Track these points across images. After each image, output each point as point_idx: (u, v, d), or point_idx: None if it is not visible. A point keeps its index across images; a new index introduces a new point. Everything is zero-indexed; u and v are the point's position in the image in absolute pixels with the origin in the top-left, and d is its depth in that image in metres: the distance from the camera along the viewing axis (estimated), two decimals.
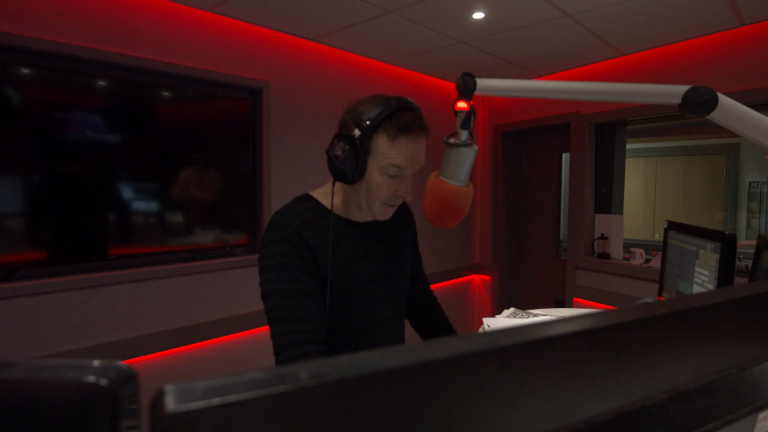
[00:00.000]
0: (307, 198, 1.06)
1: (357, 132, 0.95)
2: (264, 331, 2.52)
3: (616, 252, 3.10)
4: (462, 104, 1.02)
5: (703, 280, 1.25)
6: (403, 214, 1.21)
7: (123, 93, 2.02)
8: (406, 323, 1.24)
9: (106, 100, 1.98)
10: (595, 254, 3.17)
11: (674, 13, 2.23)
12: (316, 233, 0.98)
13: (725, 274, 1.15)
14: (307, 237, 0.97)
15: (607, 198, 3.22)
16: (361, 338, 1.05)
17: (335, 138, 0.98)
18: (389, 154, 0.95)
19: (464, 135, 1.03)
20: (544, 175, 3.74)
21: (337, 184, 1.05)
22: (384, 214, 1.04)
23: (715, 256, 1.18)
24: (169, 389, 0.20)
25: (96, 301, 1.98)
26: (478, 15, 2.26)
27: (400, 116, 0.95)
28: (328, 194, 1.05)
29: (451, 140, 1.04)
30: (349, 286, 1.01)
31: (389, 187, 0.99)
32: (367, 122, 0.94)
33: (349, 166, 0.95)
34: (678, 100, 0.84)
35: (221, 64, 2.32)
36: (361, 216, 1.07)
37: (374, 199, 1.00)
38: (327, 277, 0.98)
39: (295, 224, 0.97)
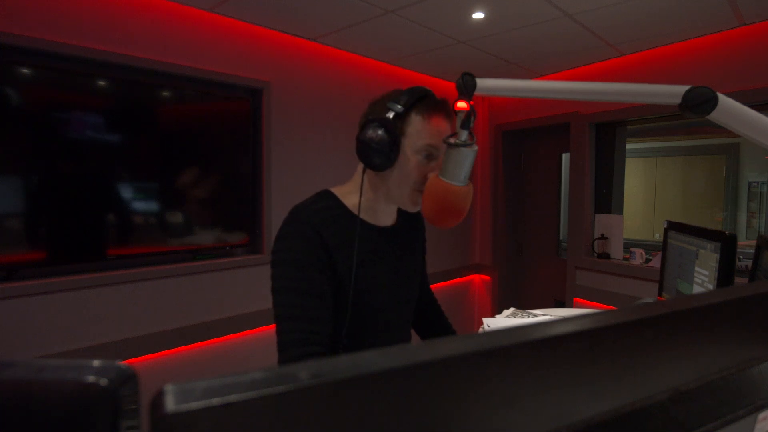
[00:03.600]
0: (329, 195, 1.04)
1: (391, 114, 0.96)
2: (264, 331, 2.52)
3: (616, 252, 3.10)
4: (462, 104, 1.02)
5: (703, 280, 1.25)
6: (417, 219, 1.21)
7: (123, 93, 2.02)
8: None
9: (106, 100, 1.98)
10: (595, 254, 3.17)
11: (674, 13, 2.23)
12: (336, 233, 0.97)
13: (725, 274, 1.15)
14: (326, 236, 0.95)
15: (607, 198, 3.22)
16: (370, 343, 1.04)
17: (366, 123, 0.97)
18: (423, 134, 0.98)
19: (464, 135, 1.03)
20: (544, 175, 3.74)
21: (366, 183, 1.03)
22: (414, 203, 1.03)
23: (715, 256, 1.18)
24: (169, 389, 0.20)
25: (96, 301, 1.98)
26: (478, 15, 2.26)
27: (431, 98, 1.00)
28: (350, 193, 1.04)
29: (451, 140, 1.04)
30: (364, 289, 1.00)
31: (421, 170, 1.00)
32: (401, 104, 0.96)
33: (383, 148, 0.95)
34: (678, 100, 0.84)
35: (221, 64, 2.32)
36: (383, 217, 1.07)
37: (406, 184, 1.00)
38: (342, 278, 0.97)
39: (316, 221, 0.95)
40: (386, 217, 1.08)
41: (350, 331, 0.99)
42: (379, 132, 0.95)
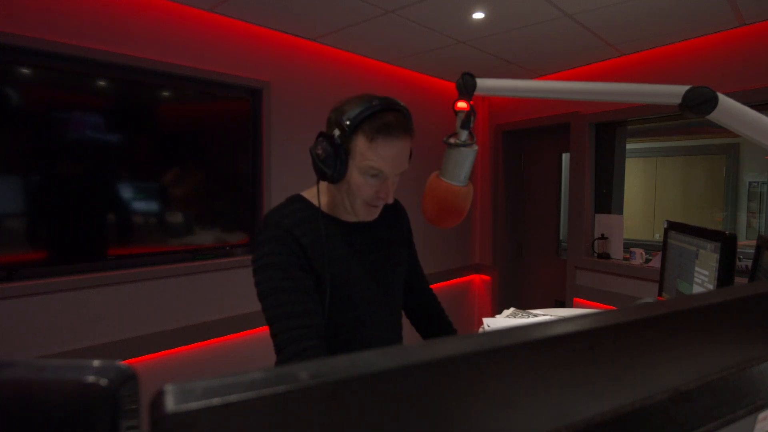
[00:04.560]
0: (298, 198, 1.06)
1: (337, 132, 0.95)
2: (264, 330, 2.52)
3: (616, 252, 3.10)
4: (462, 104, 1.02)
5: (703, 280, 1.25)
6: (396, 212, 1.20)
7: (123, 93, 2.02)
8: (407, 322, 1.24)
9: (106, 100, 1.98)
10: (595, 254, 3.17)
11: (674, 13, 2.23)
12: (308, 232, 0.99)
13: (725, 274, 1.15)
14: (298, 235, 0.97)
15: (607, 198, 3.22)
16: (355, 338, 1.05)
17: (318, 137, 0.98)
18: (367, 155, 0.95)
19: (464, 135, 1.03)
20: (544, 175, 3.74)
21: (325, 183, 1.05)
22: (367, 214, 1.04)
23: (715, 256, 1.18)
24: (169, 389, 0.20)
25: (96, 301, 1.98)
26: (478, 15, 2.26)
27: (381, 117, 0.94)
28: (316, 194, 1.06)
29: (451, 140, 1.04)
30: (340, 284, 1.01)
31: (370, 188, 0.99)
32: (347, 122, 0.93)
33: (329, 166, 0.96)
34: (678, 100, 0.84)
35: (221, 64, 2.32)
36: (348, 215, 1.07)
37: (355, 198, 1.00)
38: (320, 275, 0.98)
39: (286, 223, 0.98)
40: (351, 213, 1.07)
41: (331, 326, 0.99)
42: (326, 149, 0.96)
